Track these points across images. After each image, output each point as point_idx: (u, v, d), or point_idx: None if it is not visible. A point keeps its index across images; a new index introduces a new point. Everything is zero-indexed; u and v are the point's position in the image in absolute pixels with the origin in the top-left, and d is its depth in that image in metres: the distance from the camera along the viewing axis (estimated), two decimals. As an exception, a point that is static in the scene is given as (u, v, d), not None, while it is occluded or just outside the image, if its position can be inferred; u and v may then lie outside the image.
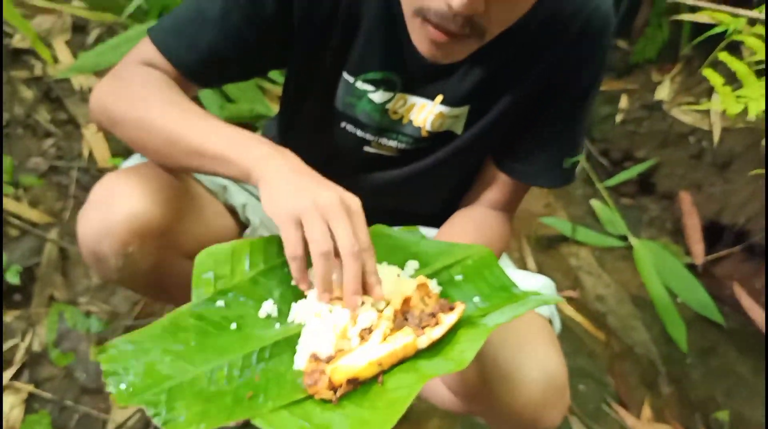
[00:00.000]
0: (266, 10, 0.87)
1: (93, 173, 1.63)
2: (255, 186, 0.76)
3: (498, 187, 1.03)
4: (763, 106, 1.33)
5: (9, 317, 1.36)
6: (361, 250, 0.70)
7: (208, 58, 0.88)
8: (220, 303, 0.74)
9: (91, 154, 1.67)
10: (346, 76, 0.94)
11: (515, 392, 0.84)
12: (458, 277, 0.79)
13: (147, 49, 0.90)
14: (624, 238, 2.11)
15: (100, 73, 1.68)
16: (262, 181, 0.74)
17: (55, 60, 1.79)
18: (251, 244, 0.79)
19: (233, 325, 0.72)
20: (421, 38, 0.79)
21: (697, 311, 1.94)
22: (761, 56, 1.47)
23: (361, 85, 0.93)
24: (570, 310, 1.84)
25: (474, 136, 0.97)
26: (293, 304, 0.74)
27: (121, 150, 1.71)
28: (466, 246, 0.83)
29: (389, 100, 0.94)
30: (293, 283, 0.73)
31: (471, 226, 1.01)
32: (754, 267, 2.10)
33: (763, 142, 1.72)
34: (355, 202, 0.73)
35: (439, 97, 0.93)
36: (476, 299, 0.76)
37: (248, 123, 1.83)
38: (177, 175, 0.93)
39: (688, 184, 2.20)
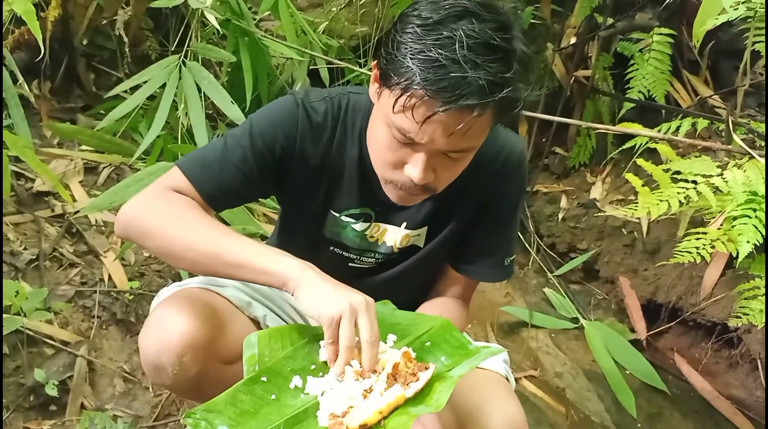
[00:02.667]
0: (275, 157, 1.16)
1: (113, 295, 1.88)
2: (288, 291, 1.02)
3: (454, 283, 1.34)
4: (677, 205, 1.67)
5: (46, 426, 1.57)
6: (375, 340, 0.98)
7: (228, 190, 1.15)
8: (264, 378, 1.00)
9: (110, 278, 1.92)
10: (332, 212, 1.25)
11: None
12: (427, 344, 1.08)
13: (176, 178, 1.15)
14: (575, 320, 2.41)
15: (112, 209, 1.96)
16: (301, 288, 1.01)
17: (73, 199, 2.08)
18: (281, 330, 1.08)
19: (273, 396, 0.98)
20: (391, 193, 1.12)
21: (643, 381, 2.21)
22: (675, 162, 1.80)
23: (345, 218, 1.24)
24: (532, 387, 2.10)
25: (432, 248, 1.28)
26: (309, 378, 1.00)
27: (137, 275, 1.98)
28: (430, 317, 1.15)
29: (367, 228, 1.25)
30: (321, 358, 1.02)
31: (436, 311, 1.30)
32: (691, 339, 2.40)
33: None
34: (371, 302, 1.01)
35: (404, 224, 1.25)
36: (443, 358, 1.05)
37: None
38: (212, 295, 1.21)
39: (625, 270, 2.53)
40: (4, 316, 1.62)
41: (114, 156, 2.28)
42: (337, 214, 1.24)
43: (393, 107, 0.99)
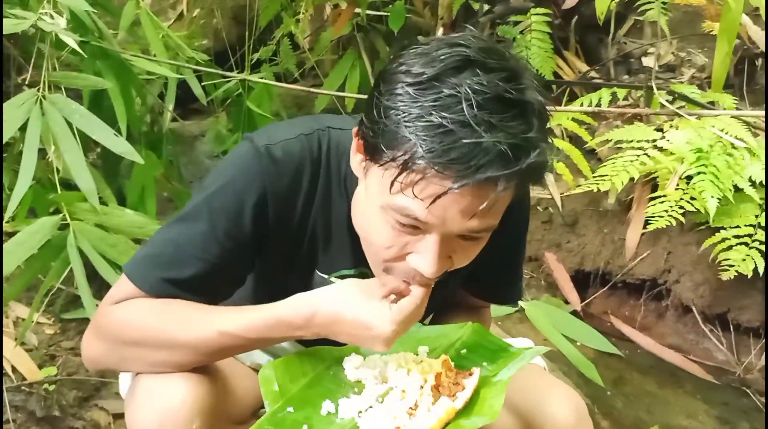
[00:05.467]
0: (244, 238, 0.94)
1: (25, 390, 1.55)
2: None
3: (477, 301, 1.24)
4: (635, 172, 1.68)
5: None
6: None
7: (191, 285, 0.93)
8: (290, 409, 0.87)
9: (14, 370, 1.58)
10: (318, 274, 1.04)
11: (551, 427, 1.01)
12: (463, 351, 0.99)
13: (126, 290, 0.94)
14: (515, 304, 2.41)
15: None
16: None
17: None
18: (298, 356, 0.96)
19: (305, 427, 0.85)
20: (393, 283, 0.91)
21: (596, 349, 2.26)
22: (614, 132, 1.84)
23: (335, 280, 1.03)
24: (504, 380, 2.06)
25: (438, 291, 1.08)
26: (340, 401, 0.89)
27: (47, 358, 1.65)
28: (457, 325, 1.04)
29: None
30: (350, 378, 0.93)
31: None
32: (621, 300, 2.51)
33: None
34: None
35: None
36: (484, 364, 0.96)
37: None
38: None
39: (548, 245, 2.59)
40: None
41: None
42: (326, 276, 1.04)
43: (390, 187, 0.80)
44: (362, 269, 1.03)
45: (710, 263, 2.23)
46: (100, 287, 1.83)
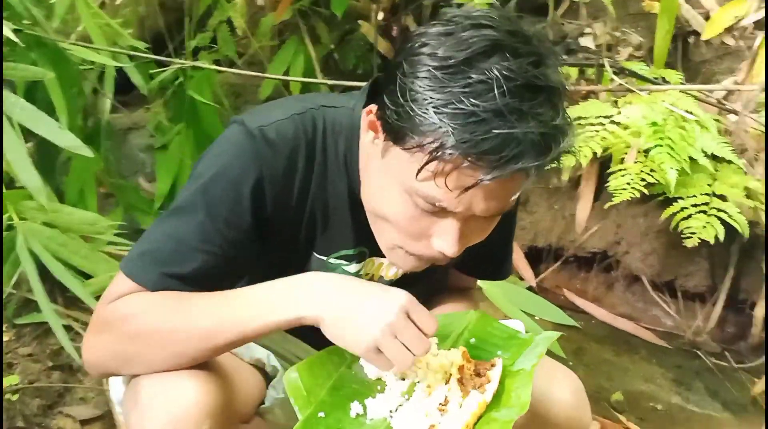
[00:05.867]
0: (244, 225, 0.91)
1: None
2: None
3: (465, 281, 1.25)
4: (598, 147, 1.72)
5: None
6: (427, 346, 0.82)
7: (193, 279, 0.90)
8: (321, 414, 0.85)
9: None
10: (317, 256, 1.01)
11: (556, 411, 1.01)
12: (472, 341, 0.97)
13: (125, 287, 0.90)
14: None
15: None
16: (322, 323, 0.83)
17: None
18: (319, 357, 0.92)
19: None
20: (404, 261, 0.91)
21: (554, 322, 2.32)
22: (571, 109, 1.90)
23: (334, 261, 1.02)
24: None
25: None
26: (367, 401, 0.87)
27: (6, 368, 1.55)
28: (460, 314, 1.03)
29: (362, 267, 1.05)
30: (370, 376, 0.90)
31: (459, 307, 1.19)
32: (572, 274, 2.59)
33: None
34: (407, 299, 0.83)
35: None
36: (499, 353, 0.94)
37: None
38: None
39: (501, 224, 2.63)
40: None
41: None
42: (324, 258, 1.02)
43: (417, 174, 0.79)
44: (362, 249, 1.02)
45: (657, 234, 2.34)
46: (51, 288, 1.74)
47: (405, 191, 0.83)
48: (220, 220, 0.90)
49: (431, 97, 0.76)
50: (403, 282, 1.07)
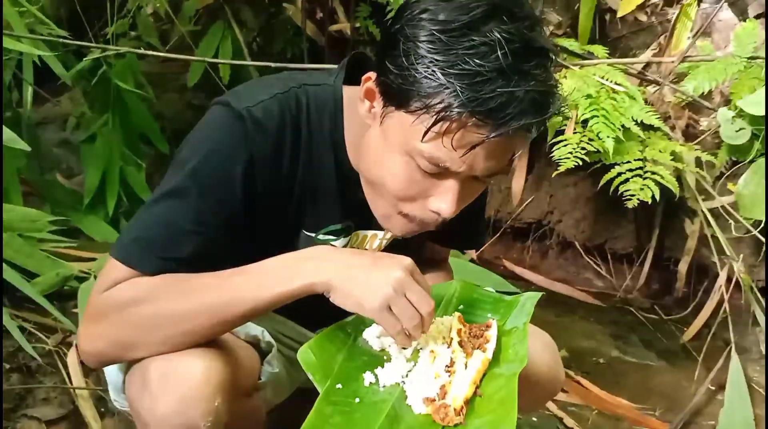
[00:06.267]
0: (236, 205, 0.92)
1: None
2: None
3: (435, 250, 1.29)
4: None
5: None
6: (432, 309, 0.87)
7: (190, 261, 0.90)
8: (338, 385, 0.87)
9: None
10: (305, 233, 1.03)
11: (535, 368, 1.03)
12: (461, 307, 1.03)
13: (119, 274, 0.89)
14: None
15: None
16: (333, 292, 0.85)
17: None
18: (326, 334, 0.94)
19: (357, 400, 0.86)
20: (400, 226, 0.94)
21: (498, 291, 2.42)
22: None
23: (323, 237, 1.04)
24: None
25: (415, 238, 1.11)
26: (377, 370, 0.90)
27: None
28: (444, 284, 1.08)
29: (348, 241, 1.08)
30: (375, 348, 0.93)
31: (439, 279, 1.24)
32: (510, 244, 2.71)
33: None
34: (410, 265, 0.87)
35: None
36: (489, 315, 1.01)
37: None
38: None
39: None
40: None
41: None
42: (312, 235, 1.03)
43: (423, 136, 0.82)
44: (348, 222, 1.05)
45: (587, 201, 2.48)
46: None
47: (407, 153, 0.85)
48: (213, 202, 0.90)
49: (436, 59, 0.79)
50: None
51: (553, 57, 0.85)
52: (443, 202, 0.87)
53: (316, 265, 0.87)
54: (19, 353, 1.52)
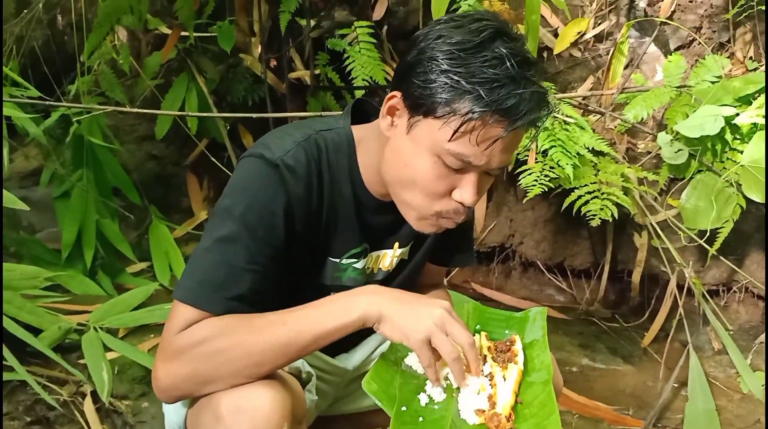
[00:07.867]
0: (279, 242, 1.05)
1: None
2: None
3: (432, 273, 1.42)
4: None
5: None
6: (471, 342, 1.01)
7: (249, 297, 1.01)
8: (404, 408, 0.99)
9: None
10: (331, 259, 1.16)
11: None
12: (478, 327, 1.17)
13: (189, 316, 0.99)
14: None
15: None
16: (381, 323, 0.99)
17: None
18: (380, 364, 1.05)
19: (421, 419, 0.98)
20: (429, 226, 1.09)
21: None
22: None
23: (346, 261, 1.17)
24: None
25: (420, 255, 1.30)
26: (429, 390, 1.01)
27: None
28: (457, 307, 1.18)
29: (366, 263, 1.22)
30: (430, 380, 1.02)
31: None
32: (475, 268, 2.87)
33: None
34: (447, 304, 1.02)
35: (396, 244, 1.24)
36: (507, 331, 1.16)
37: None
38: None
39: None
40: None
41: None
42: (337, 260, 1.17)
43: (452, 134, 0.98)
44: (365, 245, 1.19)
45: (545, 223, 2.68)
46: None
47: (435, 154, 1.01)
48: (261, 241, 1.03)
49: (458, 71, 0.96)
50: (392, 276, 1.27)
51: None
52: (466, 192, 1.03)
53: (368, 300, 0.99)
54: (36, 405, 1.56)
